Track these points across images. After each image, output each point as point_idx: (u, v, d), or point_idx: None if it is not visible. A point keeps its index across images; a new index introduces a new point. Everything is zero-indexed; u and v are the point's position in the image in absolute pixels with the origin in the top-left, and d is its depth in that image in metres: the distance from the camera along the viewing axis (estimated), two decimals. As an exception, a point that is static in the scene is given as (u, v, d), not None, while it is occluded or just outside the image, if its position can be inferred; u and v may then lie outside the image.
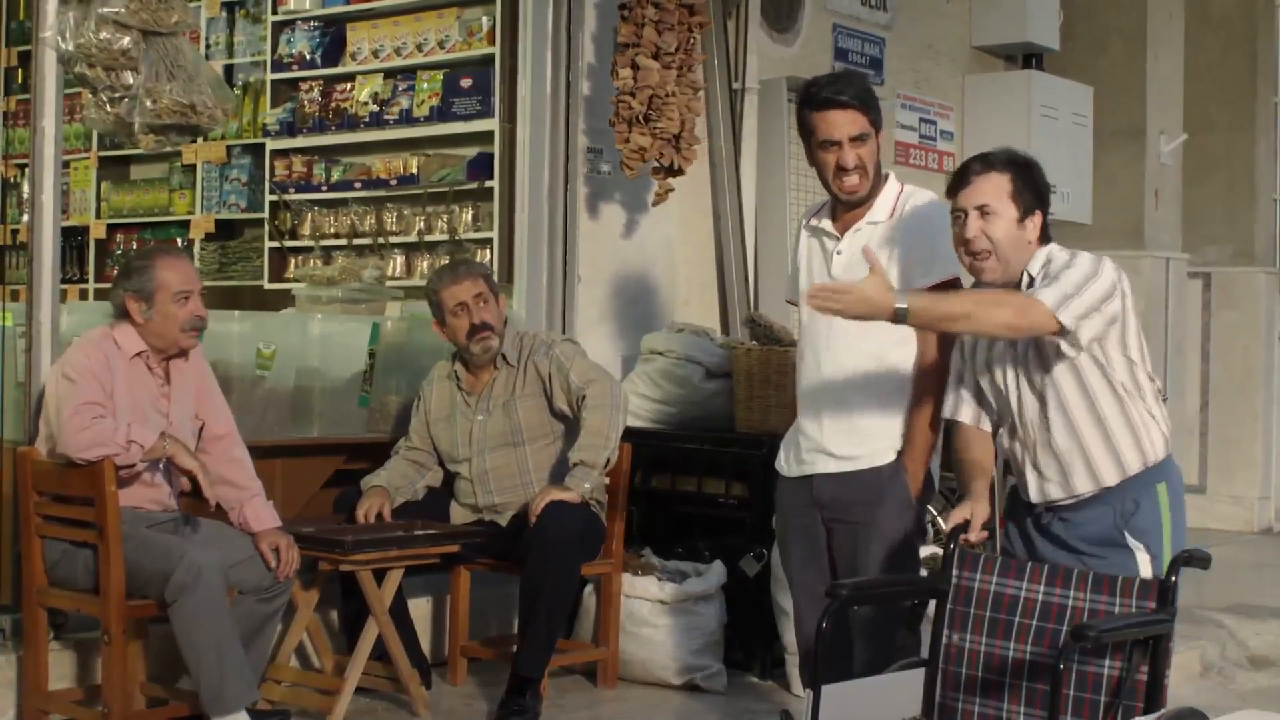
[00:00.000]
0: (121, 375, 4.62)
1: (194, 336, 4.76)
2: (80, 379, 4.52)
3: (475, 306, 5.35)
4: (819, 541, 4.26)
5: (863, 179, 4.16)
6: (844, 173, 4.13)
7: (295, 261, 7.90)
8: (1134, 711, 3.34)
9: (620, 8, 6.22)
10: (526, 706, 5.04)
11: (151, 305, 4.67)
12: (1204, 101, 9.96)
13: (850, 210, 4.20)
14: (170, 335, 4.70)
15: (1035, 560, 3.75)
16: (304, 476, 5.65)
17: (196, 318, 4.72)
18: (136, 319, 4.67)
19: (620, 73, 6.17)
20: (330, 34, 7.86)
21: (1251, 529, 9.62)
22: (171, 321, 4.68)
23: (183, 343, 4.73)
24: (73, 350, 4.68)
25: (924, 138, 8.49)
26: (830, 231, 4.24)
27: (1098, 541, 3.73)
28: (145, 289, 4.67)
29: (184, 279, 4.72)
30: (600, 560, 5.46)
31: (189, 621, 4.41)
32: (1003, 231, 3.73)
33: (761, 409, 5.92)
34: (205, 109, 4.95)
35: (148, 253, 4.95)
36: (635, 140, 6.17)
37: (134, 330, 4.68)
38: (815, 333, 4.23)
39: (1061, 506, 3.81)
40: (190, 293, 4.71)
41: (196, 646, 4.42)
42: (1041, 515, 3.85)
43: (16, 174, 5.99)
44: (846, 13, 8.01)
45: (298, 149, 7.94)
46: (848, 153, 4.12)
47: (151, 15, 4.81)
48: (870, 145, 4.15)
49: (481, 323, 5.35)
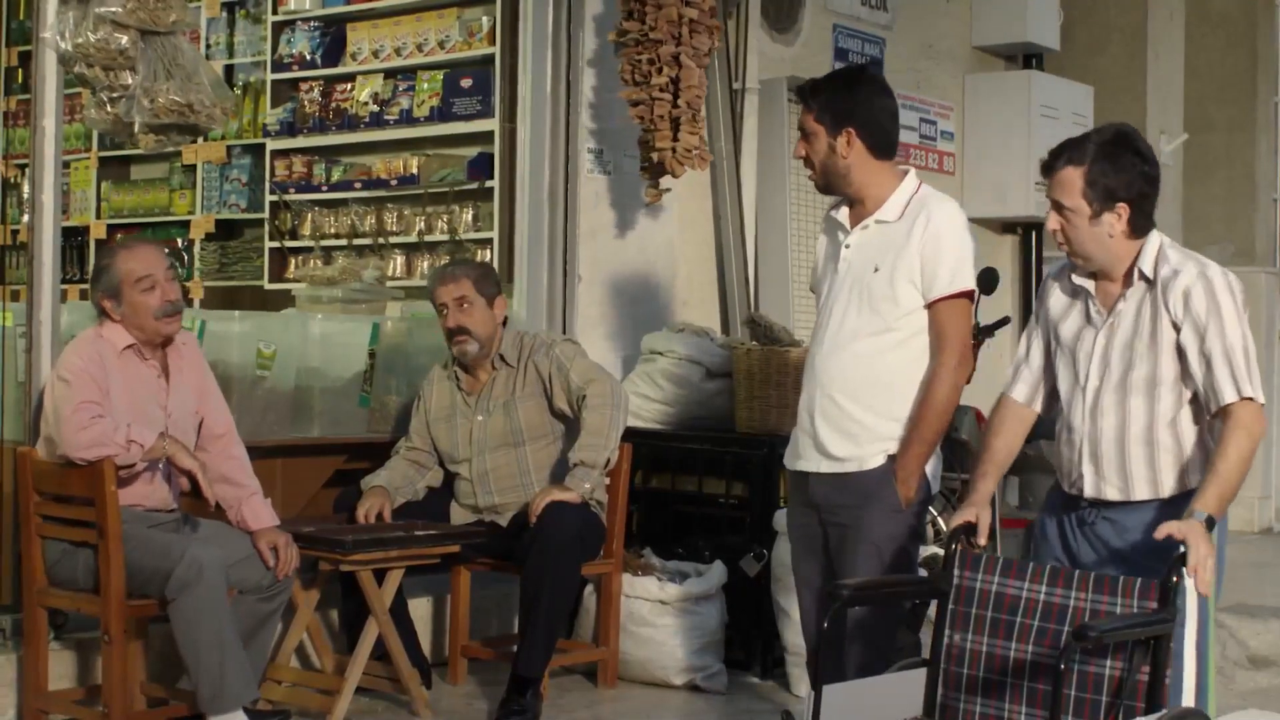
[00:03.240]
0: (116, 371, 4.61)
1: (173, 322, 4.70)
2: (75, 379, 4.52)
3: (454, 309, 5.34)
4: (816, 541, 4.26)
5: (814, 173, 4.21)
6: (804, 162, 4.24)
7: (295, 261, 7.90)
8: (1135, 712, 3.33)
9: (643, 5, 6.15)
10: (527, 706, 5.04)
11: (120, 300, 4.65)
12: (1204, 101, 9.96)
13: (861, 204, 4.21)
14: (147, 325, 4.66)
15: (1072, 562, 3.70)
16: (304, 476, 5.65)
17: (167, 302, 4.67)
18: (113, 316, 4.67)
19: (664, 70, 6.08)
20: (330, 34, 7.87)
21: (1252, 529, 9.59)
22: (143, 310, 4.64)
23: (163, 329, 4.69)
24: (67, 352, 4.68)
25: (924, 138, 8.49)
26: (843, 224, 4.24)
27: (1152, 551, 3.56)
28: (111, 285, 4.65)
29: (144, 264, 4.67)
30: (600, 560, 5.46)
31: (190, 618, 4.41)
32: (1078, 228, 3.67)
33: (762, 409, 5.91)
34: (203, 108, 4.95)
35: (110, 250, 4.91)
36: (686, 140, 6.15)
37: (119, 325, 4.68)
38: (822, 329, 4.23)
39: (1112, 505, 3.72)
40: (153, 277, 4.65)
41: (197, 643, 4.41)
42: (1086, 512, 3.76)
43: (17, 174, 5.98)
44: (847, 13, 8.01)
45: (298, 149, 7.95)
46: (798, 143, 4.22)
47: (149, 15, 4.81)
48: (817, 143, 4.16)
49: (457, 326, 5.34)
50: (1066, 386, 3.81)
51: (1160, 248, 3.71)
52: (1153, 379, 3.66)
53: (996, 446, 3.90)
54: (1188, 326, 3.62)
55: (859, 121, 4.14)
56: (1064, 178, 3.67)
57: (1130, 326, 3.69)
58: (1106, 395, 3.71)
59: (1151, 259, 3.69)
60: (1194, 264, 3.69)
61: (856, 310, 4.14)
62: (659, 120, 6.14)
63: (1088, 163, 3.64)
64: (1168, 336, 3.65)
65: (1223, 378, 3.59)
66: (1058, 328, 3.83)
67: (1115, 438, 3.70)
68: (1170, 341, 3.65)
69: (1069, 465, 3.80)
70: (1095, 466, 3.73)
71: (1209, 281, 3.64)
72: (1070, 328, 3.80)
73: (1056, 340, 3.83)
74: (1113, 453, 3.71)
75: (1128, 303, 3.71)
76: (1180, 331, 3.63)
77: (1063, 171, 3.67)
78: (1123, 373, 3.69)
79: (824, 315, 4.22)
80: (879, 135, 4.18)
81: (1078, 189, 3.65)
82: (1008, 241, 9.11)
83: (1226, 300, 3.63)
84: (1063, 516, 3.83)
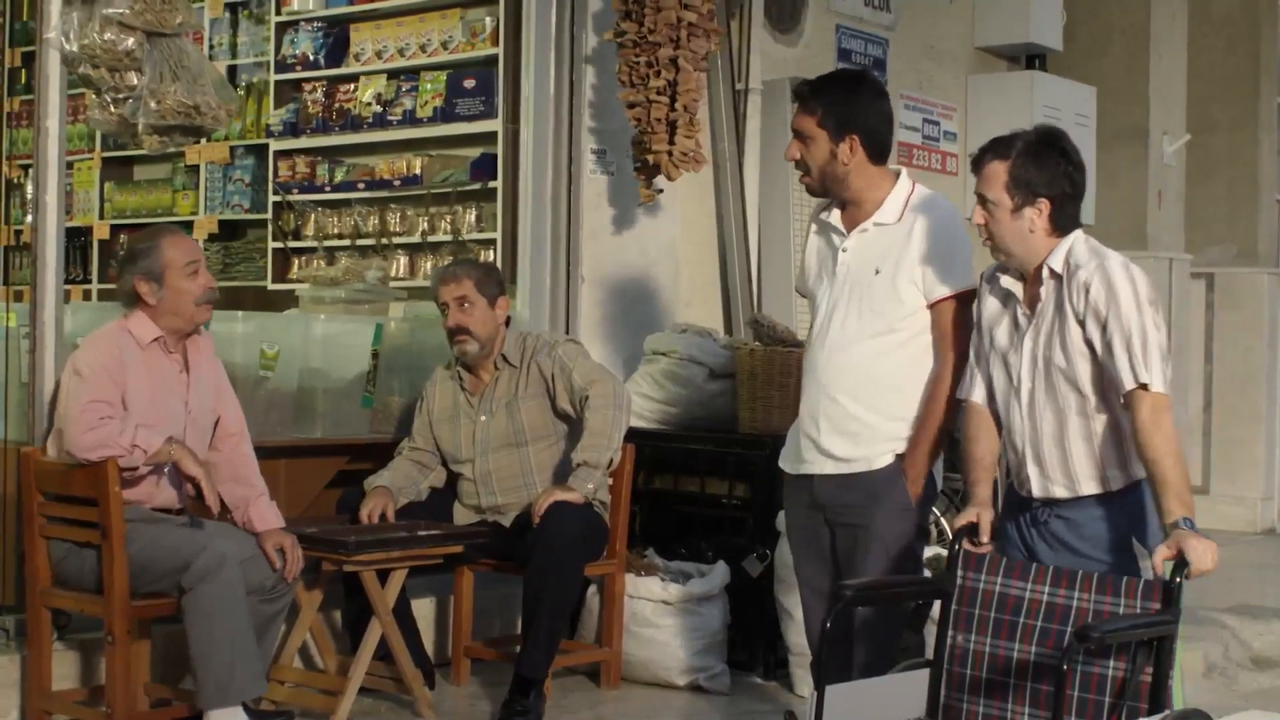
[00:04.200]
0: (140, 366, 4.62)
1: (208, 310, 4.75)
2: (92, 376, 4.52)
3: (455, 309, 5.34)
4: (823, 542, 4.26)
5: (809, 177, 4.19)
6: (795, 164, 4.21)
7: (298, 262, 7.92)
8: (1138, 713, 3.34)
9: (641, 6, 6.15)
10: (529, 707, 5.04)
11: (162, 284, 4.65)
12: (1207, 102, 9.96)
13: (856, 207, 4.20)
14: (185, 311, 4.68)
15: (1034, 560, 3.73)
16: (307, 477, 5.66)
17: (208, 289, 4.73)
18: (149, 300, 4.66)
19: (662, 73, 6.08)
20: (334, 35, 7.87)
21: (1254, 529, 9.60)
22: (185, 296, 4.67)
23: (197, 317, 4.72)
24: (86, 346, 4.68)
25: (927, 138, 8.49)
26: (837, 227, 4.23)
27: (1104, 546, 3.70)
28: (154, 269, 4.66)
29: (189, 251, 4.73)
30: (603, 561, 5.46)
31: (207, 609, 4.41)
32: (999, 221, 3.73)
33: (765, 409, 5.91)
34: (209, 110, 4.95)
35: (150, 233, 4.92)
36: (682, 144, 6.15)
37: (146, 316, 4.68)
38: (821, 332, 4.23)
39: (1062, 503, 3.77)
40: (198, 263, 4.71)
41: (211, 634, 4.41)
42: (1039, 511, 3.81)
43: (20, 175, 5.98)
44: (850, 13, 8.01)
45: (301, 150, 7.96)
46: (791, 145, 4.19)
47: (155, 16, 4.81)
48: (816, 148, 4.15)
49: (457, 326, 5.35)
50: (1001, 389, 3.85)
51: (1072, 245, 3.74)
52: (1074, 375, 3.71)
53: (980, 454, 3.93)
54: (1090, 318, 3.66)
55: (862, 128, 4.14)
56: (989, 171, 3.75)
57: (1049, 324, 3.74)
58: (1040, 396, 3.76)
59: (1061, 256, 3.73)
60: (1095, 258, 3.72)
61: (858, 313, 4.14)
62: (655, 123, 6.15)
63: (1012, 157, 3.72)
64: (1074, 331, 3.68)
65: (1121, 364, 3.62)
66: (991, 332, 3.88)
67: (1054, 436, 3.75)
68: (1078, 336, 3.68)
69: (1015, 467, 3.85)
70: (1040, 468, 3.78)
71: (1105, 272, 3.66)
72: (1002, 332, 3.85)
73: (991, 345, 3.88)
74: (1054, 453, 3.75)
75: (1044, 301, 3.75)
76: (1085, 325, 3.66)
77: (989, 165, 3.75)
78: (1050, 372, 3.73)
79: (822, 318, 4.22)
80: (878, 141, 4.19)
81: (1001, 182, 3.72)
82: (1009, 242, 9.10)
83: (1125, 289, 3.64)
84: (1019, 517, 3.87)
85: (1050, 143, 3.75)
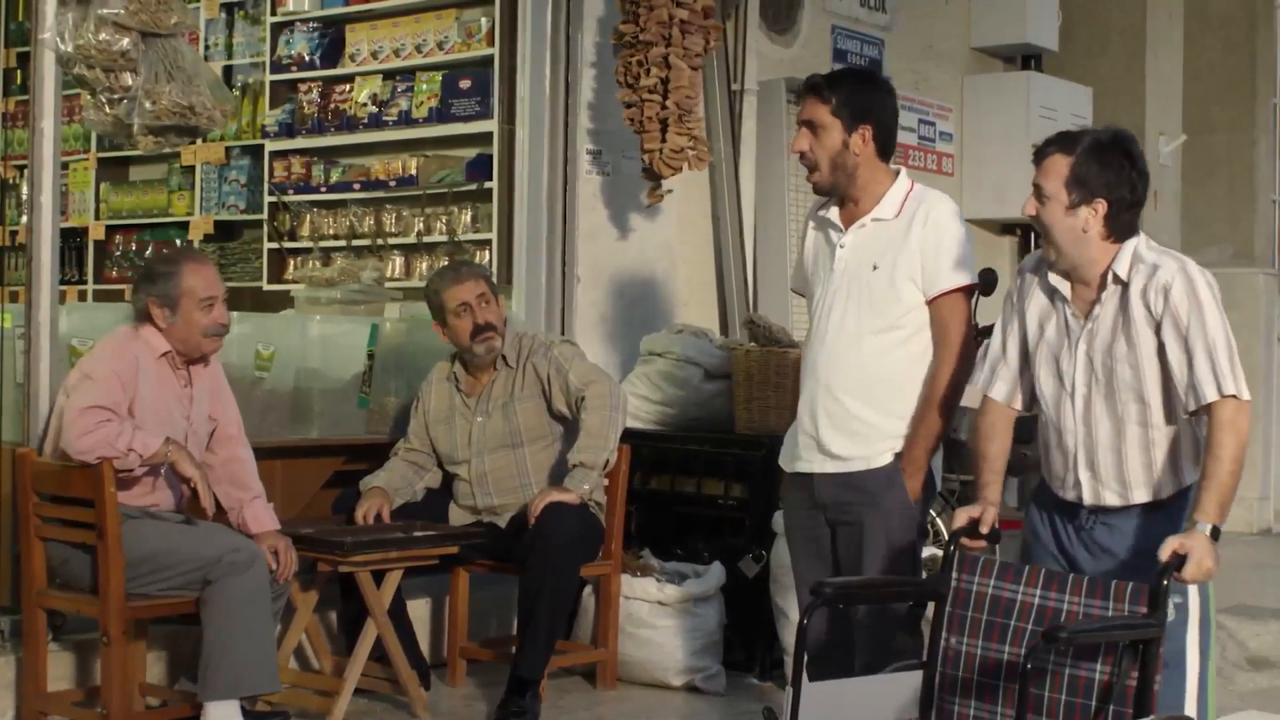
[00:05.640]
0: (149, 375, 4.63)
1: (217, 342, 4.76)
2: (102, 381, 4.52)
3: (478, 307, 5.35)
4: (822, 541, 4.25)
5: (814, 169, 4.15)
6: (801, 157, 4.17)
7: (294, 263, 7.90)
8: (1123, 717, 3.31)
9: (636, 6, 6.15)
10: (526, 708, 5.04)
11: (175, 311, 4.66)
12: (1204, 102, 9.96)
13: (855, 203, 4.20)
14: (193, 341, 4.70)
15: (1071, 567, 3.68)
16: (303, 478, 5.65)
17: (219, 325, 4.72)
18: (159, 324, 4.67)
19: (652, 71, 6.09)
20: (329, 35, 7.86)
21: (1251, 530, 9.60)
22: (194, 328, 4.67)
23: (205, 348, 4.73)
24: (100, 348, 4.68)
25: (923, 139, 8.49)
26: (835, 224, 4.22)
27: (1148, 553, 3.49)
28: (170, 294, 4.66)
29: (208, 284, 4.71)
30: (599, 561, 5.46)
31: (234, 601, 4.42)
32: (1053, 215, 3.64)
33: (761, 410, 5.92)
34: (204, 110, 4.95)
35: (172, 257, 4.95)
36: (674, 141, 6.14)
37: (158, 332, 4.68)
38: (819, 329, 4.22)
39: (1110, 510, 3.70)
40: (214, 299, 4.70)
41: (235, 624, 4.42)
42: (1085, 519, 3.73)
43: (15, 175, 5.98)
44: (846, 14, 8.02)
45: (297, 150, 7.94)
46: (799, 137, 4.15)
47: (151, 17, 4.81)
48: (828, 136, 4.11)
49: (486, 323, 5.34)
50: (1050, 391, 3.77)
51: (1136, 250, 3.66)
52: (1138, 383, 3.63)
53: (993, 454, 3.86)
54: (1168, 322, 3.58)
55: (875, 120, 4.14)
56: (1051, 164, 3.67)
57: (1109, 331, 3.65)
58: (1097, 403, 3.68)
59: (1126, 262, 3.64)
60: (1173, 260, 3.65)
61: (856, 310, 4.13)
62: (648, 122, 6.15)
63: (1077, 153, 3.64)
64: (1145, 338, 3.61)
65: (1204, 375, 3.56)
66: (1040, 329, 3.79)
67: (1111, 445, 3.68)
68: (1149, 343, 3.61)
69: (1062, 471, 3.77)
70: (1093, 473, 3.71)
71: (1189, 278, 3.59)
72: (1051, 332, 3.77)
73: (1037, 342, 3.80)
74: (1110, 460, 3.68)
75: (1104, 306, 3.66)
76: (1160, 329, 3.59)
77: (1051, 157, 3.67)
78: (1109, 379, 3.66)
79: (820, 316, 4.21)
80: (888, 136, 4.20)
81: (1061, 177, 3.64)
82: (1006, 242, 9.12)
83: (1207, 296, 3.59)
84: (1057, 521, 3.80)
85: (1117, 145, 3.66)
